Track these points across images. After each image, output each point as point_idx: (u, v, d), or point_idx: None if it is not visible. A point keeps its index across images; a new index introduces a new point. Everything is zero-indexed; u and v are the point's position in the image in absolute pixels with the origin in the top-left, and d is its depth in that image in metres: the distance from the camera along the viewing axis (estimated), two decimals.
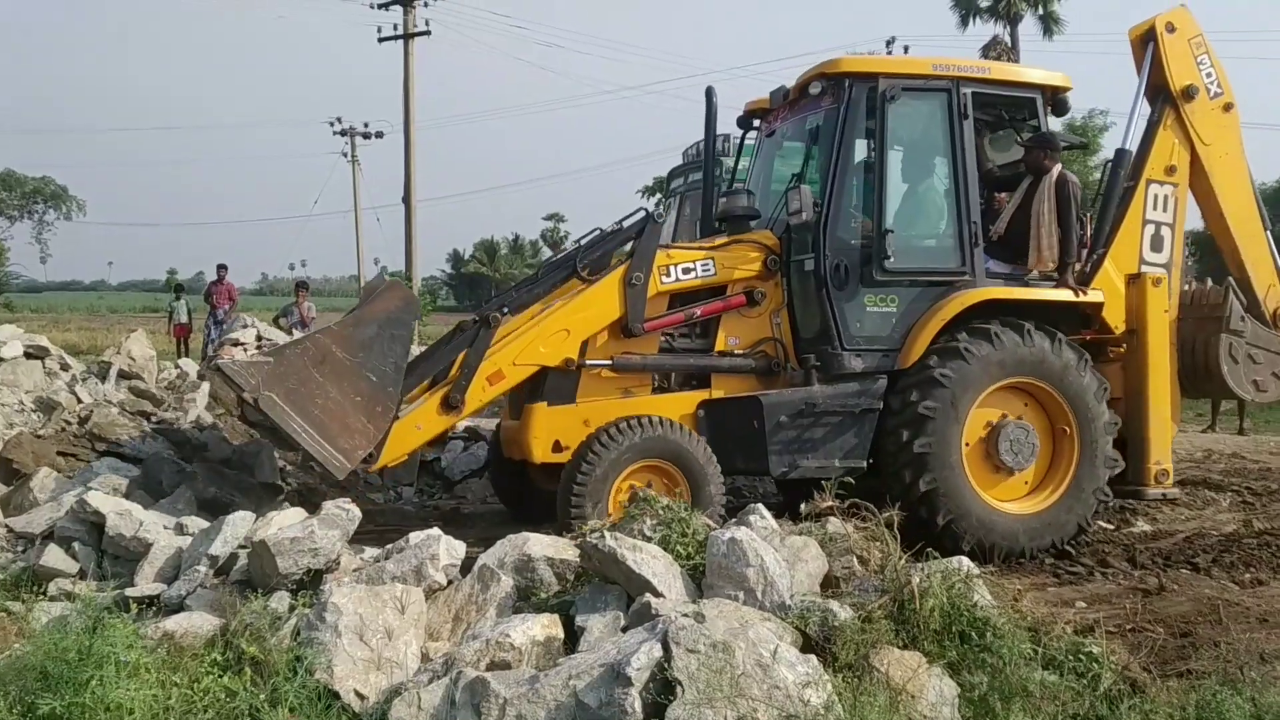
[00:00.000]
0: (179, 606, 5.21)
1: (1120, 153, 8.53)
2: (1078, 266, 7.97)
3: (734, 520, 5.64)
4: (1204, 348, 8.51)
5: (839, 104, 7.71)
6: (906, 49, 45.29)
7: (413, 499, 9.93)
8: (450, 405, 7.12)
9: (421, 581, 5.03)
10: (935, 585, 4.54)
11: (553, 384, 7.42)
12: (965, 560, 4.93)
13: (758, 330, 7.85)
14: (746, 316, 7.84)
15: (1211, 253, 9.24)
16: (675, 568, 4.97)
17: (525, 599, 5.10)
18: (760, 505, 5.87)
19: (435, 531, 5.30)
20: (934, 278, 7.76)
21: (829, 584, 5.20)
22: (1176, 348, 8.40)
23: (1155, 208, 8.50)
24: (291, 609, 4.82)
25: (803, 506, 5.60)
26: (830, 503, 5.40)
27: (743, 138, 9.22)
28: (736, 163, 9.59)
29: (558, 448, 7.30)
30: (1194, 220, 9.26)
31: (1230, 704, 4.13)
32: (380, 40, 29.72)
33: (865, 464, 7.56)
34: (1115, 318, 8.19)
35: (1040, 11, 41.99)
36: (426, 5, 29.60)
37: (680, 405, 7.55)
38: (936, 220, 8.07)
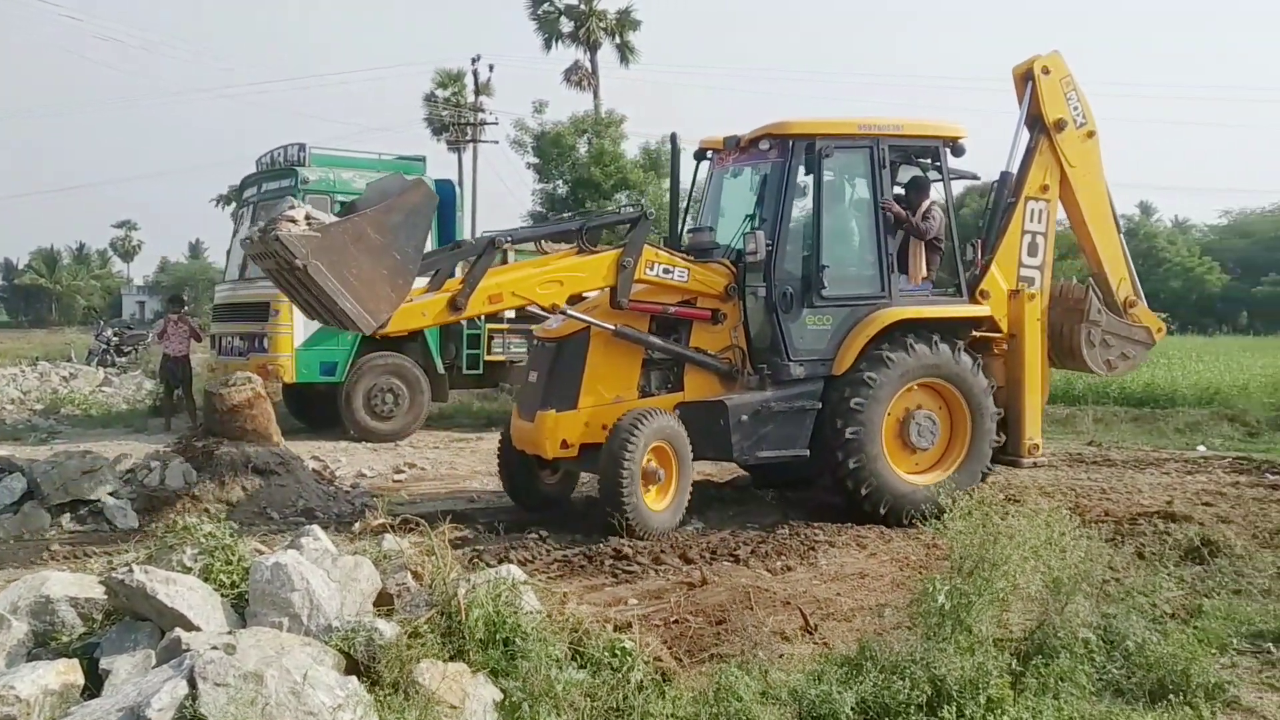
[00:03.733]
0: None
1: (1004, 174, 10.32)
2: (953, 278, 9.92)
3: (285, 543, 5.45)
4: (1069, 333, 10.46)
5: (784, 159, 9.40)
6: (491, 67, 46.25)
7: None
8: (455, 307, 8.64)
9: None
10: (482, 595, 4.62)
11: (556, 392, 9.08)
12: (514, 569, 5.06)
13: (721, 340, 9.47)
14: (710, 331, 9.43)
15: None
16: (216, 598, 4.72)
17: (44, 645, 4.64)
18: (316, 527, 5.73)
19: None
20: (860, 302, 9.49)
21: (383, 602, 5.15)
22: (1048, 332, 10.37)
23: (1032, 220, 10.38)
24: None
25: (355, 526, 5.53)
26: (383, 520, 5.35)
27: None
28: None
29: (565, 445, 8.95)
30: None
31: (742, 684, 4.53)
32: None
33: (807, 451, 9.35)
34: (999, 315, 10.09)
35: (617, 40, 44.27)
36: None
37: (661, 406, 9.08)
38: (861, 254, 9.78)
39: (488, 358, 16.30)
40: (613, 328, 9.03)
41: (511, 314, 16.25)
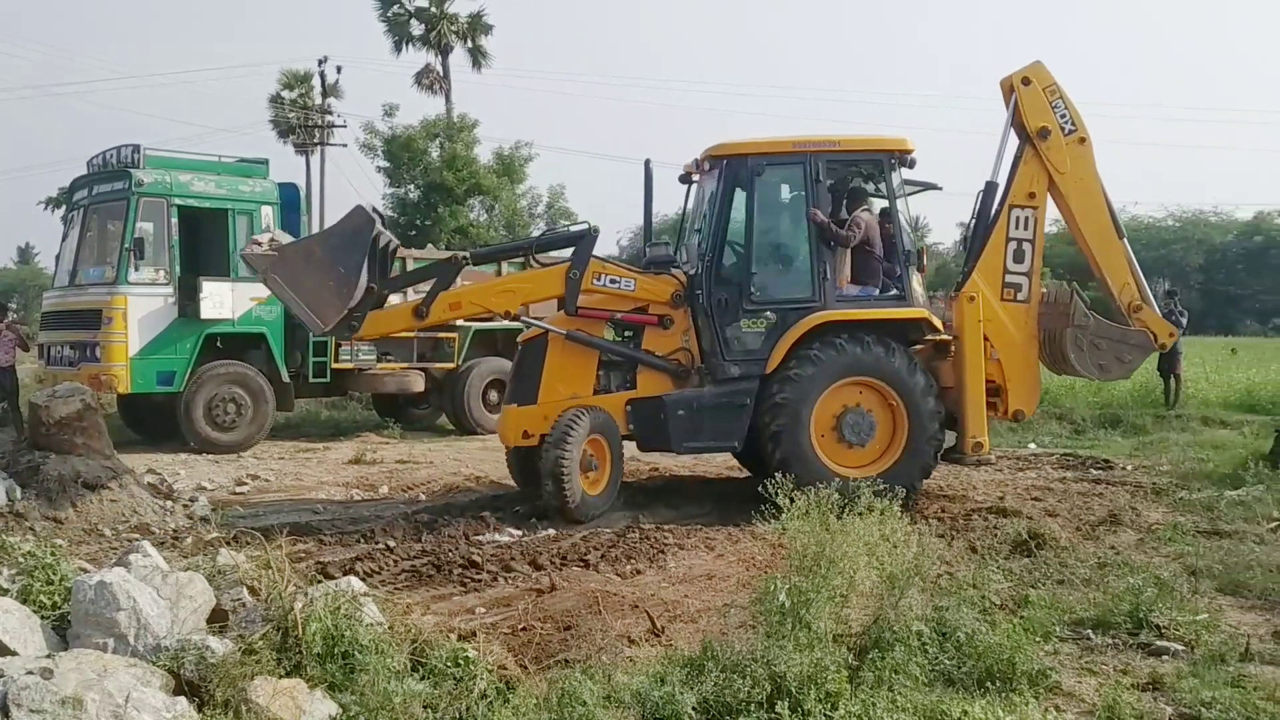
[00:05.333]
0: None
1: (989, 184, 10.49)
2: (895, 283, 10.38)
3: (113, 561, 5.24)
4: (1058, 338, 10.41)
5: (721, 177, 10.21)
6: (340, 69, 45.36)
7: None
8: (419, 315, 10.01)
9: None
10: (320, 609, 4.52)
11: (521, 389, 10.27)
12: (355, 581, 4.98)
13: (671, 343, 10.28)
14: (661, 334, 10.27)
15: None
16: (35, 620, 4.51)
17: None
18: (146, 543, 5.53)
19: None
20: (791, 306, 10.10)
21: (217, 619, 4.99)
22: (1040, 337, 10.51)
23: (1018, 227, 10.44)
24: None
25: (188, 540, 5.34)
26: (217, 534, 5.19)
27: None
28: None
29: (526, 435, 9.99)
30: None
31: (585, 688, 4.54)
32: None
33: (735, 444, 10.24)
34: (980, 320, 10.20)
35: (469, 44, 43.81)
36: None
37: (614, 402, 10.15)
38: (794, 262, 10.55)
39: (335, 365, 15.87)
40: (564, 332, 10.10)
41: None
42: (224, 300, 14.48)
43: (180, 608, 4.78)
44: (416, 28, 43.45)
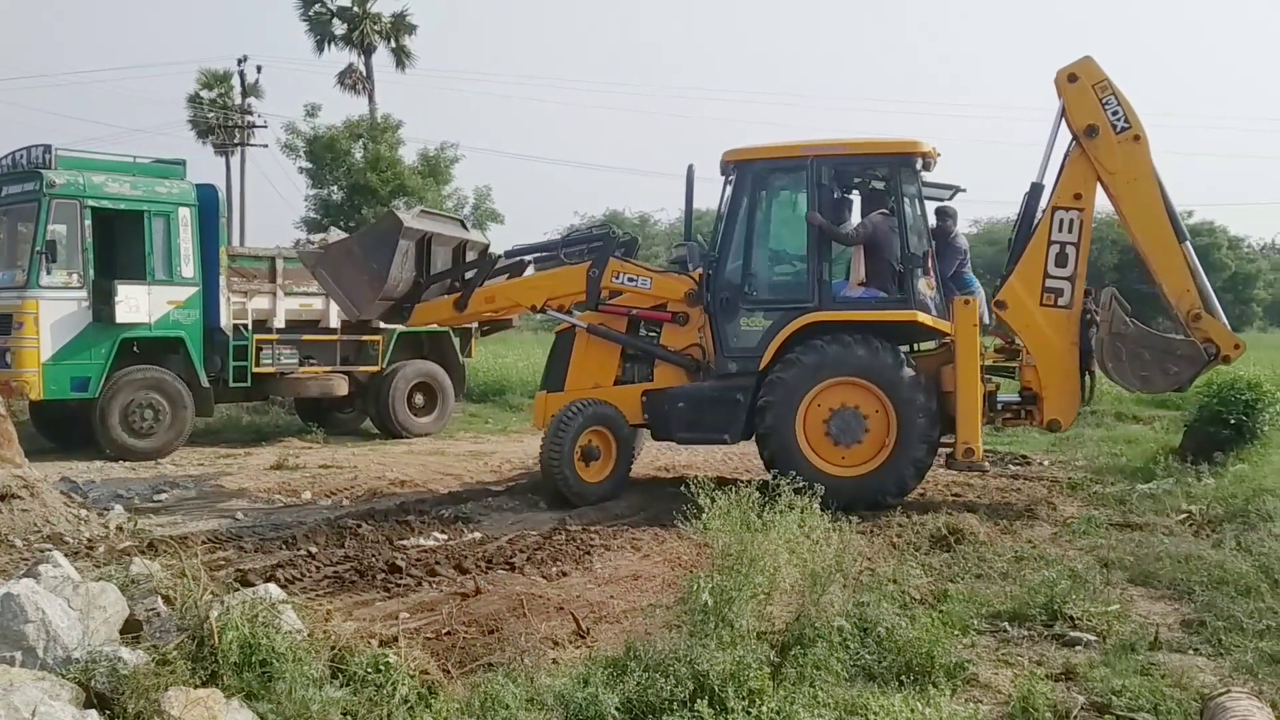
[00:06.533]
0: None
1: (1034, 185, 10.27)
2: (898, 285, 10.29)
3: (21, 573, 5.10)
4: (1099, 347, 10.09)
5: (727, 181, 10.67)
6: (260, 68, 44.70)
7: None
8: (459, 307, 11.26)
9: None
10: (236, 617, 4.45)
11: (551, 376, 11.33)
12: (273, 588, 4.91)
13: (686, 339, 10.91)
14: (677, 330, 10.92)
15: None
16: None
17: None
18: (57, 553, 5.40)
19: None
20: (786, 306, 10.42)
21: (131, 629, 4.89)
22: (1088, 345, 10.21)
23: (1061, 230, 10.08)
24: None
25: (99, 549, 5.22)
26: (130, 543, 5.08)
27: None
28: None
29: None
30: None
31: (508, 691, 4.53)
32: None
33: (727, 437, 10.56)
34: (1019, 325, 10.26)
35: (392, 44, 43.37)
36: None
37: (632, 393, 10.92)
38: (793, 263, 10.90)
39: (256, 369, 15.56)
40: (585, 325, 11.01)
41: (282, 324, 15.80)
42: (140, 304, 14.15)
43: (92, 619, 4.68)
44: (339, 27, 42.92)
